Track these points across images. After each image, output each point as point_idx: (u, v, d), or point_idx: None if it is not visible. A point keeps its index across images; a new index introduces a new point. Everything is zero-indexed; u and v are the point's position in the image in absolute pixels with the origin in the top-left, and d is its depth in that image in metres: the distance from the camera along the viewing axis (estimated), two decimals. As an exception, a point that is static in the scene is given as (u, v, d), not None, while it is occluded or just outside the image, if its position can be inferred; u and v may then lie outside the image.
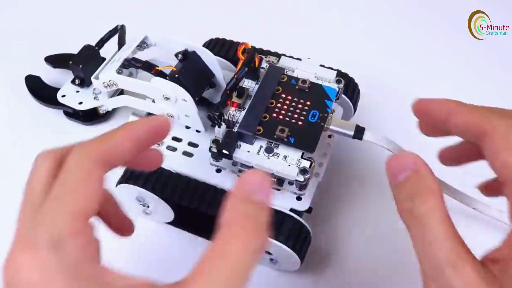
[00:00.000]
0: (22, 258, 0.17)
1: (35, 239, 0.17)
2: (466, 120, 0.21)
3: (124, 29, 0.36)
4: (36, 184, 0.19)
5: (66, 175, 0.19)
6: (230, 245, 0.17)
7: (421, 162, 0.21)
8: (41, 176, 0.19)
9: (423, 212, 0.19)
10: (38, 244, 0.17)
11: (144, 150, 0.22)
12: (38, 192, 0.19)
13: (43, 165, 0.20)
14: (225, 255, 0.17)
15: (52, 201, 0.18)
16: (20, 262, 0.17)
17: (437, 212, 0.19)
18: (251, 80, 0.31)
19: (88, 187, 0.19)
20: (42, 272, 0.16)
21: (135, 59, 0.33)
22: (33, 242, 0.17)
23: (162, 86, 0.30)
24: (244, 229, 0.17)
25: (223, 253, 0.17)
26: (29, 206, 0.19)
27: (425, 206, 0.19)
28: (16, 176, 0.35)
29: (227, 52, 0.36)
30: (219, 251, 0.17)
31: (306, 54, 0.33)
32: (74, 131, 0.37)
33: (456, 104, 0.22)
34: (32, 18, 0.46)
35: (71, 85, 0.37)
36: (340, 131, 0.27)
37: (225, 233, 0.17)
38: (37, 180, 0.20)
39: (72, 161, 0.19)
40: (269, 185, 0.19)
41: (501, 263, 0.18)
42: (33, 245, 0.17)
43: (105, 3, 0.48)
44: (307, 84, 0.30)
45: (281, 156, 0.28)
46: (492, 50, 0.45)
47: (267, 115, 0.29)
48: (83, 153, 0.19)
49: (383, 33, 0.47)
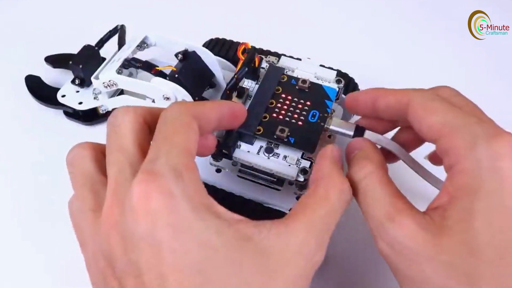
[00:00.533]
0: (148, 187, 0.17)
1: (157, 170, 0.18)
2: (389, 100, 0.24)
3: (124, 29, 0.36)
4: (126, 135, 0.20)
5: (168, 121, 0.20)
6: (332, 190, 0.21)
7: (367, 141, 0.24)
8: (130, 128, 0.21)
9: (361, 177, 0.22)
10: (163, 174, 0.18)
11: (216, 129, 0.24)
12: (129, 143, 0.20)
13: (125, 119, 0.21)
14: (328, 197, 0.21)
15: (161, 141, 0.19)
16: (146, 191, 0.17)
17: (374, 175, 0.22)
18: (251, 80, 0.31)
19: (190, 132, 0.20)
20: (169, 200, 0.17)
21: (135, 59, 0.33)
22: (156, 172, 0.18)
23: (162, 86, 0.30)
24: (338, 181, 0.22)
25: (326, 196, 0.21)
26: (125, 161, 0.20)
27: (362, 172, 0.22)
28: (16, 176, 0.35)
29: (227, 52, 0.36)
30: (323, 194, 0.21)
31: (306, 54, 0.33)
32: (74, 131, 0.37)
33: (381, 89, 0.25)
34: (32, 18, 0.46)
35: (71, 85, 0.37)
36: (340, 131, 0.27)
37: (326, 182, 0.21)
38: (125, 133, 0.20)
39: (172, 111, 0.21)
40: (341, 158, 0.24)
41: (440, 209, 0.20)
42: (156, 175, 0.18)
43: (105, 3, 0.48)
44: (307, 84, 0.30)
45: (281, 156, 0.28)
46: (492, 50, 0.45)
47: (267, 115, 0.29)
48: (183, 107, 0.21)
49: (383, 33, 0.47)
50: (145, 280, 0.17)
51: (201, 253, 0.17)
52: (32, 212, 0.32)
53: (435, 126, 0.21)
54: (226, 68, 0.35)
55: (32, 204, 0.33)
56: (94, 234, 0.20)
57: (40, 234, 0.31)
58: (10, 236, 0.31)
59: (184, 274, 0.17)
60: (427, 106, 0.22)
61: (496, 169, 0.19)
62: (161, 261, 0.17)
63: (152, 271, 0.17)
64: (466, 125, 0.20)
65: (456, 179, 0.20)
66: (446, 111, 0.21)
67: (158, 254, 0.17)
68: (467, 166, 0.19)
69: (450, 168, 0.20)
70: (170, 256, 0.17)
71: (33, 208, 0.32)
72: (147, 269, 0.17)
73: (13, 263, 0.30)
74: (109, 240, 0.18)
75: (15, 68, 0.40)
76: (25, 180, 0.34)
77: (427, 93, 0.23)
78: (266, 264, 0.18)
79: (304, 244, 0.19)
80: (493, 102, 0.43)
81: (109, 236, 0.18)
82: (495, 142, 0.19)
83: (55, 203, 0.32)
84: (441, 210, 0.20)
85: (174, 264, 0.17)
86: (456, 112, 0.21)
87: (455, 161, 0.20)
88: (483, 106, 0.23)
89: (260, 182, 0.29)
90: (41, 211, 0.32)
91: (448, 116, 0.21)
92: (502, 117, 0.24)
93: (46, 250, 0.31)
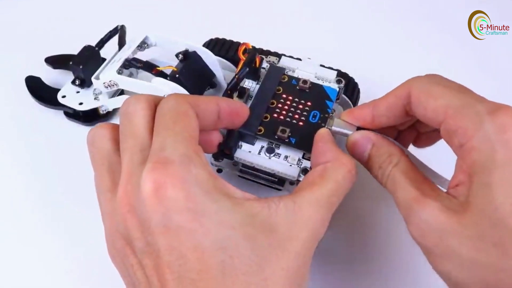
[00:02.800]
0: (161, 175, 0.19)
1: (167, 158, 0.19)
2: (389, 101, 0.25)
3: (124, 29, 0.36)
4: (137, 125, 0.21)
5: (166, 112, 0.21)
6: (339, 170, 0.23)
7: (378, 135, 0.25)
8: (142, 115, 0.21)
9: (389, 170, 0.23)
10: (173, 161, 0.19)
11: (217, 127, 0.25)
12: (142, 129, 0.21)
13: (137, 106, 0.22)
14: (336, 178, 0.22)
15: (165, 130, 0.20)
16: (159, 179, 0.18)
17: (399, 168, 0.23)
18: (252, 80, 0.31)
19: (189, 119, 0.21)
20: (183, 186, 0.18)
21: (136, 59, 0.33)
22: (166, 161, 0.19)
23: (163, 86, 0.30)
24: (344, 159, 0.23)
25: (335, 177, 0.22)
26: (137, 145, 0.21)
27: (389, 168, 0.23)
28: (16, 177, 0.35)
29: (228, 52, 0.36)
30: (331, 175, 0.23)
31: (307, 54, 0.33)
32: (75, 131, 0.37)
33: (375, 99, 0.26)
34: (32, 19, 0.46)
35: (71, 86, 0.37)
36: (341, 131, 0.27)
37: (333, 164, 0.23)
38: (138, 120, 0.21)
39: (169, 102, 0.22)
40: None
41: (460, 187, 0.21)
42: (167, 163, 0.19)
43: (105, 3, 0.47)
44: (307, 85, 0.30)
45: (282, 156, 0.28)
46: (492, 50, 0.45)
47: (268, 116, 0.29)
48: (179, 97, 0.22)
49: (383, 32, 0.47)
50: (165, 260, 0.18)
51: (221, 232, 0.19)
52: (33, 213, 0.32)
53: (440, 109, 0.22)
54: (227, 68, 0.35)
55: (33, 205, 0.33)
56: (112, 214, 0.21)
57: (40, 234, 0.31)
58: (9, 237, 0.31)
59: (206, 253, 0.18)
60: (429, 92, 0.22)
61: (504, 141, 0.19)
62: (182, 243, 0.18)
63: (172, 252, 0.18)
64: (469, 105, 0.21)
65: (469, 156, 0.20)
66: (447, 94, 0.22)
67: (177, 237, 0.18)
68: (477, 143, 0.20)
69: (461, 147, 0.21)
70: (190, 237, 0.18)
71: (33, 209, 0.32)
72: (166, 251, 0.18)
73: (12, 263, 0.30)
74: (126, 223, 0.20)
75: (15, 69, 0.40)
76: (26, 181, 0.34)
77: (425, 80, 0.24)
78: (277, 238, 0.20)
79: (310, 220, 0.21)
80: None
81: (125, 220, 0.20)
82: (498, 116, 0.20)
83: (55, 203, 0.32)
84: (460, 188, 0.21)
85: (195, 245, 0.18)
86: (456, 94, 0.22)
87: (465, 139, 0.21)
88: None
89: (261, 182, 0.29)
90: (42, 212, 0.32)
91: (451, 98, 0.22)
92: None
93: (47, 250, 0.31)
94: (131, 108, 0.22)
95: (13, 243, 0.31)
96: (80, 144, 0.37)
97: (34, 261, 0.30)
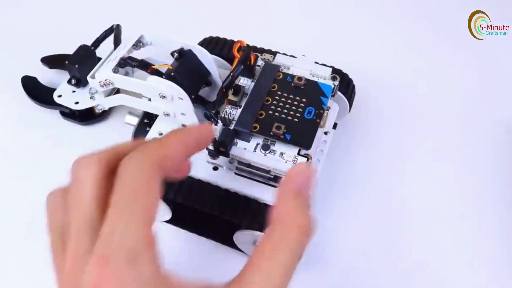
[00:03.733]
0: (101, 274, 0.17)
1: (111, 255, 0.17)
2: None
3: (120, 28, 0.36)
4: (85, 196, 0.19)
5: (127, 181, 0.18)
6: (289, 232, 0.19)
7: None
8: (93, 185, 0.19)
9: None
10: (115, 259, 0.17)
11: (184, 160, 0.22)
12: (91, 202, 0.18)
13: (88, 173, 0.19)
14: (285, 240, 0.19)
15: (118, 214, 0.18)
16: (98, 279, 0.17)
17: None
18: (247, 78, 0.31)
19: (151, 194, 0.18)
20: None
21: (131, 58, 0.33)
22: (109, 258, 0.17)
23: (158, 84, 0.30)
24: (298, 219, 0.20)
25: (284, 240, 0.19)
26: (84, 222, 0.18)
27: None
28: (12, 177, 0.35)
29: (222, 50, 0.36)
30: (279, 238, 0.19)
31: (301, 51, 0.33)
32: (71, 131, 0.37)
33: None
34: (27, 19, 0.46)
35: (67, 85, 0.37)
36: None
37: (283, 223, 0.20)
38: (86, 191, 0.19)
39: (132, 166, 0.19)
40: (313, 180, 0.21)
41: None
42: (109, 261, 0.17)
43: (101, 3, 0.48)
44: (302, 81, 0.30)
45: (277, 153, 0.28)
46: (492, 50, 0.45)
47: (263, 112, 0.29)
48: (143, 159, 0.19)
49: (381, 31, 0.47)
50: None
51: None
52: (29, 213, 0.32)
53: None
54: (222, 66, 0.35)
55: (30, 205, 0.33)
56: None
57: (39, 234, 0.31)
58: (10, 236, 0.31)
59: None
60: None
61: None
62: None
63: None
64: None
65: None
66: None
67: None
68: None
69: None
70: None
71: (32, 209, 0.32)
72: None
73: (12, 263, 0.30)
74: None
75: (11, 69, 0.40)
76: (22, 181, 0.34)
77: None
78: None
79: None
80: (493, 102, 0.44)
81: None
82: None
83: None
84: None
85: None
86: None
87: None
88: (484, 106, 0.23)
89: (257, 179, 0.29)
90: (39, 212, 0.32)
91: None
92: (502, 116, 0.24)
93: (46, 250, 0.31)
94: (82, 173, 0.19)
95: (13, 243, 0.31)
96: (76, 144, 0.37)
97: (34, 261, 0.30)
